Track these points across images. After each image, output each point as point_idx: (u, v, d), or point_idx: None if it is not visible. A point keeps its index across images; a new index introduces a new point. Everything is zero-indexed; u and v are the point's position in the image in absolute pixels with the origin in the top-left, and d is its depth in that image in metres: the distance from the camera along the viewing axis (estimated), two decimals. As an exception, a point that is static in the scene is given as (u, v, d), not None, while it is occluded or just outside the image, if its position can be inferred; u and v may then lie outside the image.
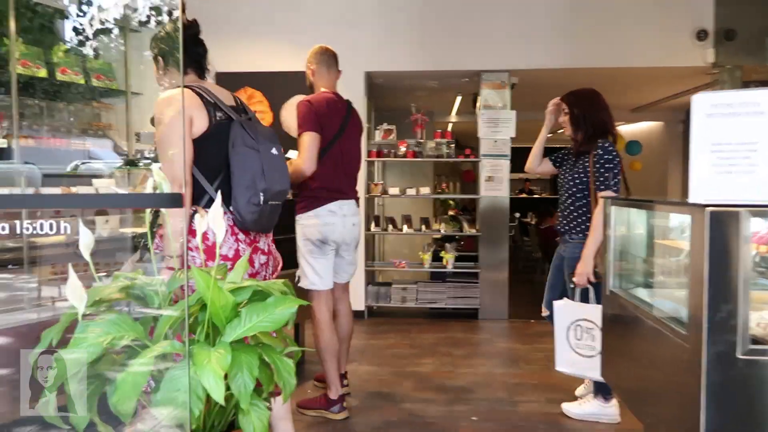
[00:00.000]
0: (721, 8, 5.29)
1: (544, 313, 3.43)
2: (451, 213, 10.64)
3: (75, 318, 1.36)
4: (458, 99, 7.41)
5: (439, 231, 5.96)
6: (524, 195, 16.60)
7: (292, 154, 3.51)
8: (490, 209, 5.80)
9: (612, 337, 2.47)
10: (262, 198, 2.17)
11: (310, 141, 3.13)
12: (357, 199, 3.47)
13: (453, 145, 5.83)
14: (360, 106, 5.74)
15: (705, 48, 5.36)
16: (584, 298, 3.05)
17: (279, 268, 2.51)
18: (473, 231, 5.87)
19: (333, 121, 3.27)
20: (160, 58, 2.38)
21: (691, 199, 2.06)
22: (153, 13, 3.50)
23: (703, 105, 2.08)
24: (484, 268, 5.81)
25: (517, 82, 5.91)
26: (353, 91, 5.75)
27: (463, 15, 5.65)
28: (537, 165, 3.54)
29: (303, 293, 3.29)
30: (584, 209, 3.12)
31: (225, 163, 2.18)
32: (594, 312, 2.94)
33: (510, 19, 5.60)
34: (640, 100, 7.96)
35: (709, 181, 2.05)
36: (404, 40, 5.71)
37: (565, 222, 3.21)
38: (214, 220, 1.50)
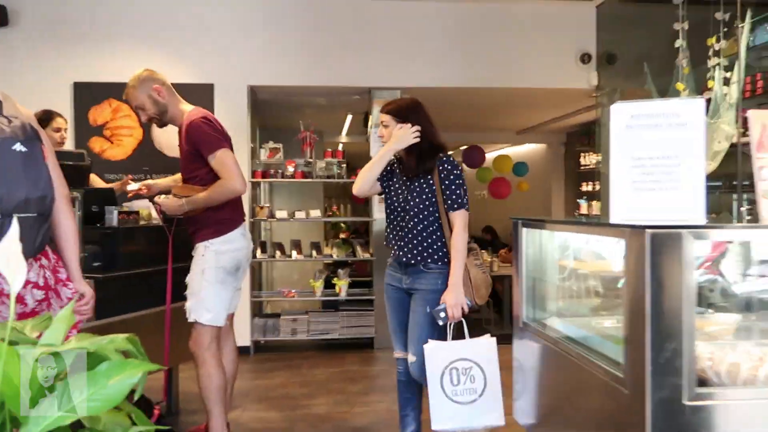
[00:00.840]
0: (603, 33, 5.43)
1: (399, 355, 2.93)
2: (342, 236, 10.36)
3: None
4: (349, 118, 7.15)
5: (331, 256, 5.60)
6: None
7: (134, 186, 3.21)
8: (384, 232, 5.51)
9: (528, 378, 2.23)
10: None
11: (232, 157, 2.83)
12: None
13: (345, 165, 5.51)
14: (243, 122, 5.31)
15: (589, 71, 5.47)
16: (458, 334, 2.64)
17: (89, 306, 2.02)
18: (367, 255, 5.56)
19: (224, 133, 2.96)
20: None
21: (614, 220, 1.86)
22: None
23: (622, 115, 1.91)
24: (379, 295, 5.51)
25: (409, 101, 5.72)
26: (235, 106, 5.32)
27: (354, 29, 5.40)
28: (369, 188, 2.86)
29: (190, 328, 2.92)
30: (438, 234, 2.69)
31: None
32: (472, 348, 2.55)
33: (402, 36, 5.42)
34: (526, 122, 8.13)
35: (632, 199, 1.86)
36: (292, 53, 5.35)
37: (415, 251, 2.70)
38: None
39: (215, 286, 2.88)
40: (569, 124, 8.08)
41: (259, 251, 5.45)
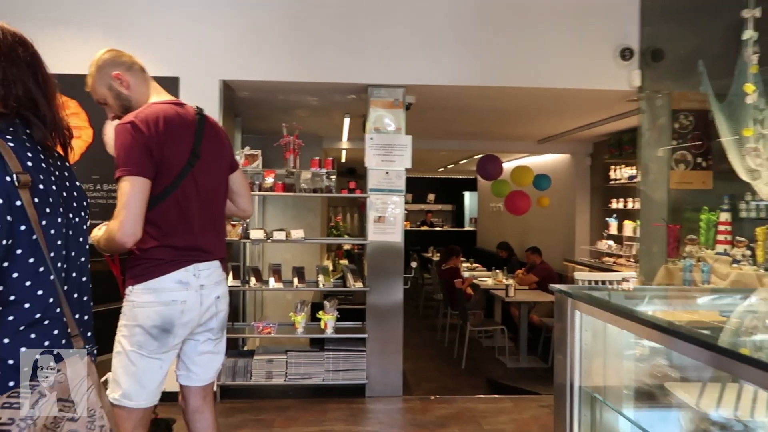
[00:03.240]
0: (648, 24, 4.50)
1: None
2: (346, 248, 9.44)
3: None
4: (346, 120, 6.27)
5: (315, 284, 4.70)
6: (425, 227, 15.78)
7: None
8: (380, 257, 4.63)
9: None
10: None
11: (132, 192, 1.99)
12: (224, 259, 2.31)
13: (334, 177, 4.63)
14: (211, 123, 4.45)
15: (630, 70, 4.54)
16: None
17: None
18: (359, 285, 4.66)
19: (179, 145, 2.12)
20: None
21: None
22: None
23: None
24: (373, 332, 4.61)
25: (414, 102, 4.84)
26: (204, 103, 4.40)
27: (348, 15, 4.52)
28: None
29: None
30: None
31: None
32: None
33: (407, 25, 4.53)
34: (550, 129, 7.19)
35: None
36: (272, 43, 4.48)
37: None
38: None
39: (127, 350, 2.09)
40: (597, 133, 7.14)
41: (230, 277, 4.58)
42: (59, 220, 1.40)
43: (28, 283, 1.29)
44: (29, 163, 1.34)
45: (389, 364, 4.63)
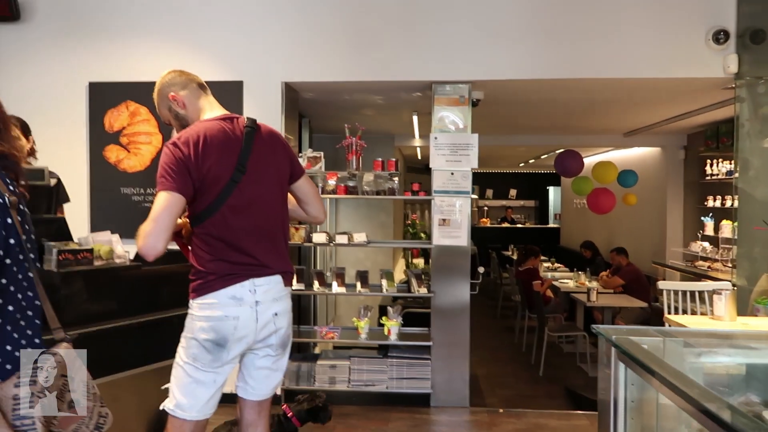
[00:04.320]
0: (747, 2, 4.01)
1: None
2: (416, 261, 9.22)
3: None
4: (415, 119, 6.08)
5: (379, 288, 4.57)
6: (506, 224, 15.31)
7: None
8: (446, 262, 4.43)
9: None
10: None
11: (163, 206, 2.01)
12: (287, 273, 2.25)
13: (397, 178, 4.47)
14: (276, 125, 4.39)
15: (725, 54, 4.07)
16: None
17: None
18: (423, 291, 4.48)
19: (221, 161, 2.10)
20: None
21: None
22: None
23: None
24: (438, 339, 4.43)
25: (481, 98, 4.59)
26: (267, 106, 4.42)
27: (409, 8, 4.34)
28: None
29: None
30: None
31: None
32: None
33: (472, 17, 4.29)
34: (636, 121, 6.68)
35: None
36: (332, 43, 4.38)
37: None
38: None
39: (184, 361, 2.10)
40: (692, 124, 6.54)
41: (295, 280, 4.53)
42: (33, 236, 1.65)
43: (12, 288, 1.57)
44: (11, 188, 1.54)
45: (455, 373, 4.42)
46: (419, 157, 9.99)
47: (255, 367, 2.20)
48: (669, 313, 4.08)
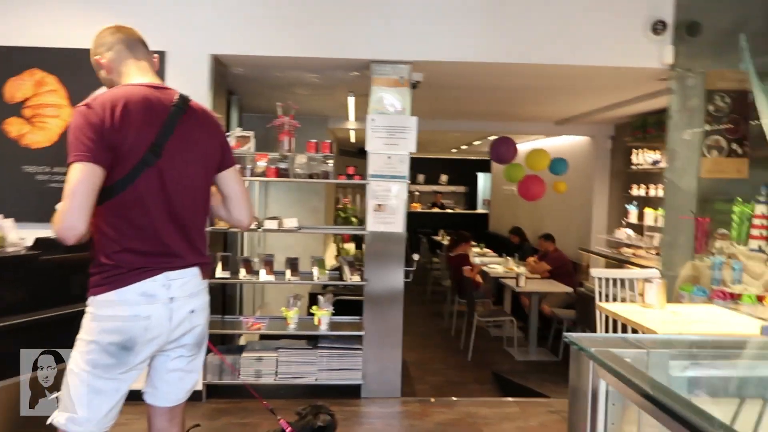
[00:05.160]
0: (683, -5, 4.04)
1: None
2: (347, 247, 9.05)
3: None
4: (351, 100, 5.86)
5: (311, 276, 4.36)
6: (436, 209, 15.39)
7: None
8: (380, 249, 4.27)
9: None
10: None
11: (79, 179, 1.73)
12: (205, 265, 2.01)
13: (332, 162, 4.25)
14: (203, 100, 4.06)
15: (662, 45, 4.09)
16: None
17: None
18: (356, 279, 4.31)
19: (139, 133, 1.83)
20: None
21: None
22: None
23: None
24: (370, 329, 4.28)
25: (421, 80, 4.43)
26: (193, 80, 4.08)
27: (347, -18, 4.11)
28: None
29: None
30: None
31: None
32: None
33: (413, -6, 4.12)
34: (569, 109, 6.73)
35: None
36: (266, 13, 4.10)
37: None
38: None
39: (81, 366, 1.82)
40: (620, 114, 6.67)
41: (219, 267, 4.26)
42: None
43: None
44: None
45: (387, 364, 4.30)
46: (353, 140, 9.78)
47: (167, 370, 1.97)
48: (600, 300, 4.11)
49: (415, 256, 4.46)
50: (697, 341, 1.28)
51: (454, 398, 4.44)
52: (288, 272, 4.26)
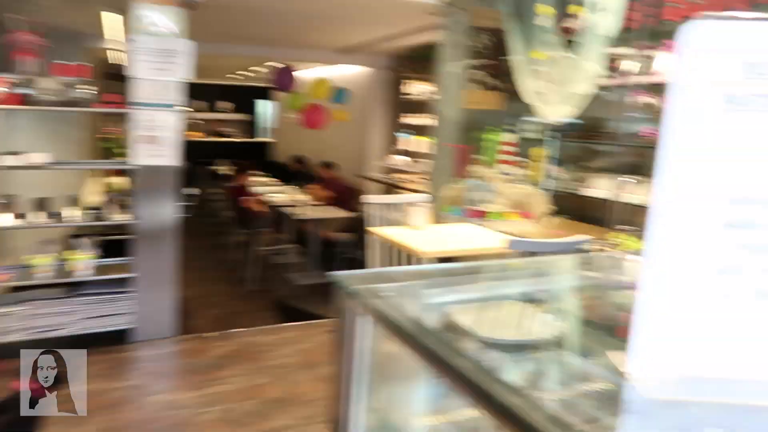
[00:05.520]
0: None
1: None
2: (118, 181, 8.18)
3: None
4: (103, 17, 5.11)
5: (60, 217, 3.83)
6: (216, 138, 14.72)
7: None
8: (151, 184, 3.91)
9: None
10: None
11: None
12: None
13: (89, 87, 3.70)
14: None
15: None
16: None
17: None
18: (125, 217, 3.91)
19: None
20: None
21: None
22: None
23: (718, 78, 0.67)
24: (143, 269, 3.96)
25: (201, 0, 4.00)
26: None
27: None
28: None
29: None
30: None
31: None
32: None
33: None
34: (349, 39, 6.74)
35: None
36: None
37: None
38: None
39: None
40: (396, 46, 6.87)
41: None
42: None
43: None
44: None
45: (162, 304, 4.05)
46: (111, 62, 8.69)
47: None
48: (374, 223, 4.28)
49: (194, 190, 4.18)
50: (448, 269, 1.38)
51: (233, 330, 4.38)
52: (33, 214, 3.69)
